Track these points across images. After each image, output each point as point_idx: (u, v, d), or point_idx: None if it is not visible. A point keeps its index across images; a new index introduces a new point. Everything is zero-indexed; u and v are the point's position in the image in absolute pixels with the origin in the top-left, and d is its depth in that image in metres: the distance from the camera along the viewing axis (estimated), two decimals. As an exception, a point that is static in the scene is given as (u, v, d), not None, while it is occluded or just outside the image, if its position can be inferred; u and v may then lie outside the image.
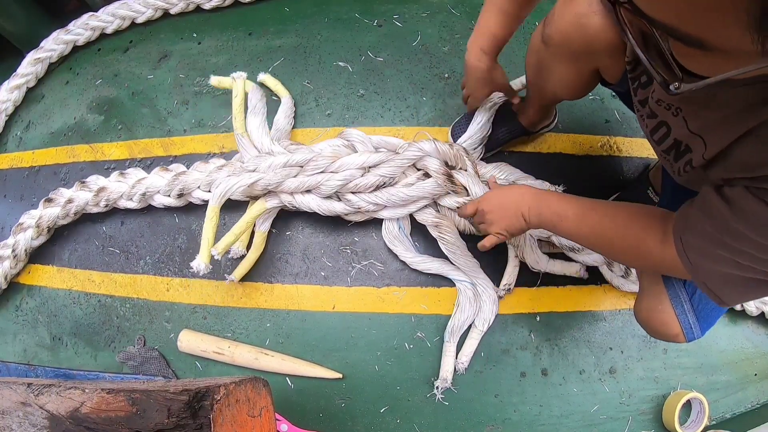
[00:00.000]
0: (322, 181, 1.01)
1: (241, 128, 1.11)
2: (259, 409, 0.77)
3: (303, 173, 1.03)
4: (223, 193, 1.01)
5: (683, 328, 0.72)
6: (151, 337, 1.17)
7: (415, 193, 1.02)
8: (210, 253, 0.98)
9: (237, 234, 1.02)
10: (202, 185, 1.11)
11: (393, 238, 1.08)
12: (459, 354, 1.04)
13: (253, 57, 1.29)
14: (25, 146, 1.42)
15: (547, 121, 1.11)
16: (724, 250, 0.51)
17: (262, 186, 1.02)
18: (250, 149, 1.09)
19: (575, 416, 1.05)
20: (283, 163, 1.03)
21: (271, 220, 1.12)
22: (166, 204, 1.16)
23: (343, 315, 1.10)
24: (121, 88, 1.36)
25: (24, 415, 0.68)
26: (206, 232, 1.00)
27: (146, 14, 1.39)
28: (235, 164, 1.11)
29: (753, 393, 1.09)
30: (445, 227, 1.05)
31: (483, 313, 1.04)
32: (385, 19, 1.28)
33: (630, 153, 1.16)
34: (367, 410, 1.06)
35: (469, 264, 1.06)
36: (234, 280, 1.10)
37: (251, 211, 1.05)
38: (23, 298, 1.30)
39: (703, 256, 0.55)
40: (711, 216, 0.52)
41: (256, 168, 1.05)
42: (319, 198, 1.04)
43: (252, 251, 1.11)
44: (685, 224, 0.57)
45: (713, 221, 0.52)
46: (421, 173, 1.04)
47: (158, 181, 1.15)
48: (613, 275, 1.06)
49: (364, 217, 1.07)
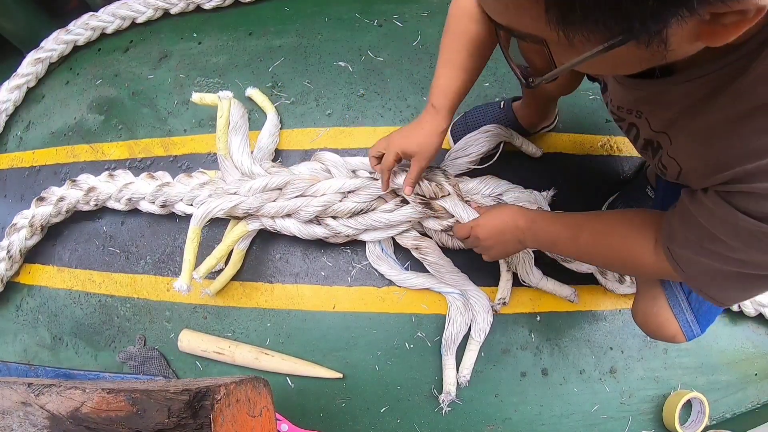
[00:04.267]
0: (301, 206, 1.02)
1: (224, 150, 1.08)
2: (259, 409, 0.77)
3: (282, 197, 1.04)
4: (205, 214, 1.01)
5: (682, 327, 0.72)
6: (151, 336, 1.17)
7: (394, 219, 1.02)
8: (192, 276, 1.00)
9: (218, 257, 1.03)
10: (185, 199, 1.12)
11: (376, 258, 1.09)
12: (460, 367, 1.03)
13: (253, 57, 1.29)
14: (26, 146, 1.42)
15: (547, 122, 1.11)
16: (708, 256, 0.52)
17: (243, 209, 1.03)
18: (232, 171, 1.09)
19: (575, 416, 1.05)
20: (263, 186, 1.03)
21: (249, 240, 1.13)
22: (151, 211, 1.17)
23: (344, 315, 1.10)
24: (122, 88, 1.36)
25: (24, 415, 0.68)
26: (187, 253, 1.01)
27: (146, 14, 1.38)
28: (217, 182, 1.11)
29: (753, 393, 1.09)
30: (425, 248, 1.05)
31: (478, 323, 1.04)
32: (385, 19, 1.28)
33: (630, 153, 1.16)
34: (368, 410, 1.06)
35: (457, 279, 1.06)
36: (211, 294, 1.12)
37: (232, 235, 1.06)
38: (23, 298, 1.30)
39: (691, 264, 0.55)
40: (690, 224, 0.53)
41: (236, 191, 1.05)
42: (299, 223, 1.04)
43: (229, 268, 1.11)
44: (669, 234, 0.58)
45: (694, 229, 0.52)
46: (399, 199, 1.04)
47: (144, 187, 1.15)
48: (607, 281, 1.06)
49: (345, 239, 1.07)
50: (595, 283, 1.08)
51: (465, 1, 0.70)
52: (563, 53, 0.39)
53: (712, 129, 0.45)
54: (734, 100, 0.41)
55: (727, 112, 0.42)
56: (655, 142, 0.56)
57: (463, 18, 0.71)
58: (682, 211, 0.55)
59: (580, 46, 0.35)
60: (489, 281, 1.08)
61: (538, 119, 1.07)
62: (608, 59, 0.36)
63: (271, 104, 1.21)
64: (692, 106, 0.46)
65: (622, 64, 0.40)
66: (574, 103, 1.17)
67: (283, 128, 1.21)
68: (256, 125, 1.19)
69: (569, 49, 0.37)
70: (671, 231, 0.57)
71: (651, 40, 0.33)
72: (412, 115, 1.19)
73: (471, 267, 1.08)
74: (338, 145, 1.18)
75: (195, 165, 1.23)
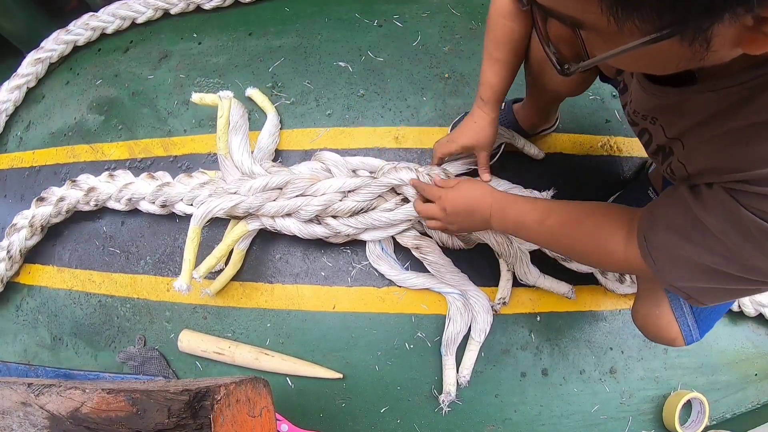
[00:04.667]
0: (301, 206, 1.02)
1: (225, 149, 1.09)
2: (259, 409, 0.77)
3: (282, 196, 1.04)
4: (205, 214, 1.01)
5: (683, 331, 0.72)
6: (151, 337, 1.17)
7: (394, 218, 1.02)
8: (192, 275, 1.00)
9: (218, 257, 1.03)
10: (185, 199, 1.12)
11: (376, 258, 1.09)
12: (460, 368, 1.03)
13: (253, 57, 1.29)
14: (26, 146, 1.42)
15: (548, 125, 1.10)
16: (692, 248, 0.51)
17: (243, 209, 1.03)
18: (233, 170, 1.09)
19: (575, 416, 1.05)
20: (263, 186, 1.03)
21: (250, 240, 1.13)
22: (151, 211, 1.17)
23: (344, 315, 1.10)
24: (122, 88, 1.36)
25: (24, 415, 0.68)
26: (188, 252, 1.01)
27: (146, 14, 1.39)
28: (217, 182, 1.11)
29: (753, 393, 1.09)
30: (425, 248, 1.05)
31: (478, 323, 1.04)
32: (385, 19, 1.28)
33: (630, 153, 1.16)
34: (368, 410, 1.06)
35: (457, 279, 1.06)
36: (210, 294, 1.11)
37: (232, 234, 1.06)
38: (23, 298, 1.30)
39: (668, 255, 0.55)
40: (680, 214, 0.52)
41: (237, 190, 1.05)
42: (299, 222, 1.04)
43: (229, 267, 1.11)
44: (651, 221, 0.57)
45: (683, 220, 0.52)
46: (400, 198, 1.04)
47: (144, 187, 1.15)
48: (607, 281, 1.05)
49: (345, 239, 1.08)
50: (595, 283, 1.08)
51: (501, 0, 0.75)
52: (601, 43, 0.38)
53: (729, 135, 0.45)
54: (761, 111, 0.41)
55: (751, 120, 0.42)
56: (667, 147, 0.56)
57: (500, 18, 0.76)
58: (675, 200, 0.54)
59: (627, 35, 0.34)
60: (489, 281, 1.08)
61: (539, 120, 1.07)
62: (647, 54, 0.36)
63: (271, 104, 1.21)
64: (713, 116, 0.46)
65: (658, 61, 0.39)
66: (574, 103, 1.17)
67: (283, 128, 1.21)
68: (256, 125, 1.20)
69: (610, 39, 0.36)
70: (652, 219, 0.57)
71: (696, 38, 0.33)
72: (412, 115, 1.20)
73: (471, 267, 1.08)
74: (338, 145, 1.18)
75: (195, 165, 1.23)
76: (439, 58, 1.23)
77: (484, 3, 1.29)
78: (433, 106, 1.20)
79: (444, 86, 1.21)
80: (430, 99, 1.20)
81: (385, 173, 1.02)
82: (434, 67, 1.23)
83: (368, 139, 1.19)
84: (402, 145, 1.17)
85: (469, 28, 1.26)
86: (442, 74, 1.22)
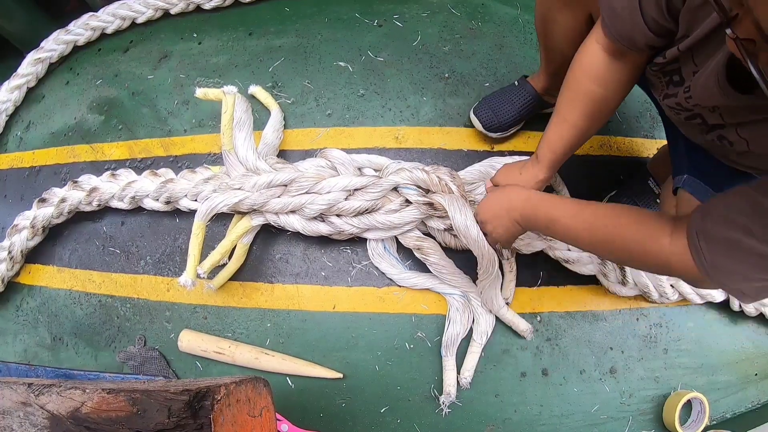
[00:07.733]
0: (306, 203, 1.01)
1: (229, 145, 1.08)
2: (259, 409, 0.77)
3: (287, 193, 1.03)
4: (209, 209, 1.01)
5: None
6: (151, 337, 1.17)
7: (398, 221, 1.02)
8: (196, 271, 1.00)
9: (222, 252, 1.03)
10: (189, 195, 1.11)
11: (377, 256, 1.09)
12: (461, 369, 1.03)
13: (253, 57, 1.29)
14: (26, 146, 1.42)
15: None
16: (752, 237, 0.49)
17: (247, 205, 1.03)
18: (237, 166, 1.08)
19: (576, 416, 1.05)
20: (267, 182, 1.03)
21: (253, 234, 1.12)
22: (155, 208, 1.16)
23: (344, 315, 1.10)
24: (122, 88, 1.36)
25: (24, 415, 0.68)
26: (192, 248, 1.01)
27: (146, 14, 1.39)
28: (221, 177, 1.10)
29: (753, 393, 1.09)
30: (427, 249, 1.05)
31: (480, 326, 1.03)
32: (385, 19, 1.28)
33: (630, 153, 1.16)
34: (368, 410, 1.06)
35: (460, 281, 1.05)
36: (213, 288, 1.11)
37: (236, 229, 1.06)
38: (23, 298, 1.30)
39: (726, 247, 0.53)
40: (741, 201, 0.51)
41: (241, 186, 1.05)
42: (303, 219, 1.04)
43: (233, 262, 1.11)
44: (706, 217, 0.55)
45: (746, 206, 0.50)
46: (404, 198, 1.04)
47: (148, 185, 1.15)
48: (610, 284, 1.05)
49: (348, 236, 1.07)
50: (595, 283, 1.08)
51: (588, 59, 0.69)
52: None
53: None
54: None
55: None
56: (718, 127, 0.55)
57: (584, 78, 0.70)
58: (735, 194, 0.53)
59: None
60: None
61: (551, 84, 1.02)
62: None
63: (275, 101, 1.21)
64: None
65: None
66: (574, 103, 1.16)
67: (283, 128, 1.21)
68: (258, 124, 1.19)
69: None
70: (708, 214, 0.55)
71: None
72: (412, 115, 1.20)
73: (473, 268, 1.08)
74: (338, 145, 1.18)
75: (195, 165, 1.23)
76: (439, 58, 1.23)
77: (484, 3, 1.29)
78: (433, 106, 1.20)
79: (444, 86, 1.21)
80: (430, 99, 1.20)
81: (391, 172, 1.02)
82: (434, 67, 1.23)
83: (368, 139, 1.19)
84: (402, 145, 1.17)
85: (469, 28, 1.26)
86: (442, 74, 1.22)
